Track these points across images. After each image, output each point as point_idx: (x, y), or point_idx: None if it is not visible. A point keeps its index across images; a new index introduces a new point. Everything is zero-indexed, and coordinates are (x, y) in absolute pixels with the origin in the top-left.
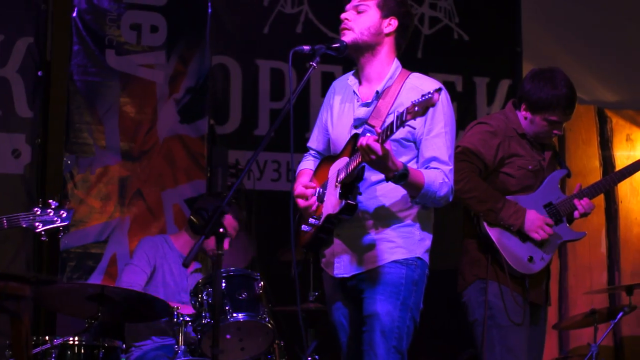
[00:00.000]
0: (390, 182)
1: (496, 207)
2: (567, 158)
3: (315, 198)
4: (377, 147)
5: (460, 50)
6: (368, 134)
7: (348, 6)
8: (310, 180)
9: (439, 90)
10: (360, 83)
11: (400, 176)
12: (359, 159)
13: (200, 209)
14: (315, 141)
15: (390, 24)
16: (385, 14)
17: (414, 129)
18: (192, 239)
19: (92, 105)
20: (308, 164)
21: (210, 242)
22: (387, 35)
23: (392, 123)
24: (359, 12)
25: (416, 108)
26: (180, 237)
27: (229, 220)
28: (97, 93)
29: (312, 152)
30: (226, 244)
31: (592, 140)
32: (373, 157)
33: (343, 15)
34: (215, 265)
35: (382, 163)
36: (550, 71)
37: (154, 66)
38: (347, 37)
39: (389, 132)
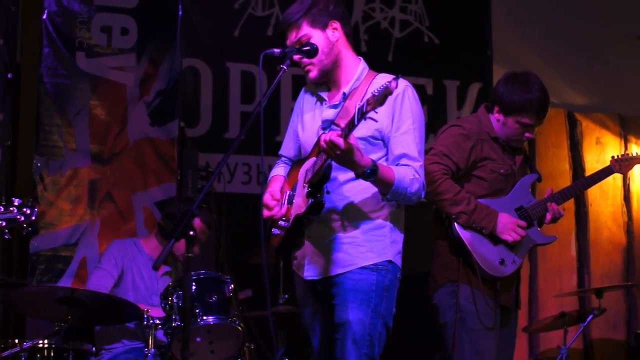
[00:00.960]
0: (360, 180)
1: (468, 210)
2: (538, 161)
3: (278, 208)
4: (339, 141)
5: (430, 54)
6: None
7: (289, 43)
8: (283, 186)
9: (396, 77)
10: (328, 88)
11: (370, 172)
12: (325, 157)
13: (170, 214)
14: (286, 148)
15: (335, 29)
16: (323, 25)
17: (376, 122)
18: (160, 243)
19: (62, 107)
20: (279, 170)
21: (179, 246)
22: (337, 40)
23: (353, 116)
24: (305, 45)
25: (375, 98)
26: (150, 241)
27: (197, 224)
28: (67, 95)
29: (283, 158)
30: (195, 247)
31: (562, 144)
32: (337, 152)
33: (296, 58)
34: (185, 268)
35: (347, 158)
36: (524, 74)
37: (124, 69)
38: (314, 74)
39: (351, 126)
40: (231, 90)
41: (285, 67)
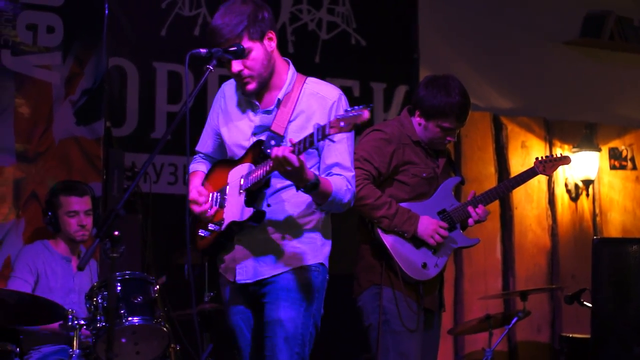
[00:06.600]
0: (296, 190)
1: (389, 214)
2: (463, 164)
3: (209, 203)
4: (293, 158)
5: (357, 56)
6: (282, 145)
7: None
8: (203, 184)
9: (367, 106)
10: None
11: (312, 186)
12: (267, 167)
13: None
14: (204, 144)
15: (270, 38)
16: (261, 36)
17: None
18: (66, 243)
19: None
20: (200, 165)
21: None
22: (273, 49)
23: (312, 135)
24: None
25: (341, 124)
26: (58, 240)
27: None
28: None
29: (201, 154)
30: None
31: (487, 147)
32: (289, 168)
33: (235, 69)
34: (110, 269)
35: (297, 174)
36: (444, 78)
37: (50, 67)
38: (253, 86)
39: (307, 145)
40: (158, 90)
41: (211, 67)
